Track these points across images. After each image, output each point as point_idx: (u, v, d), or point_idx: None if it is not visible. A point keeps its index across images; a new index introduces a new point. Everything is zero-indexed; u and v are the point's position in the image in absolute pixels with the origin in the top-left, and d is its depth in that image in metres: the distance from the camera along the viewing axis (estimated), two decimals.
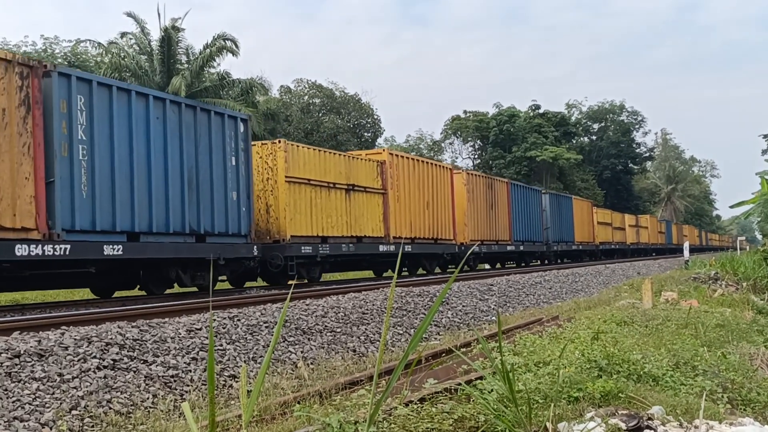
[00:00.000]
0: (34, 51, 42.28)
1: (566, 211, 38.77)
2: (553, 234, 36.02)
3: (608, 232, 48.47)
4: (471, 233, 26.52)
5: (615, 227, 50.56)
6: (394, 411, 5.16)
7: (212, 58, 37.87)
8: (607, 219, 48.82)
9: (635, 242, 56.68)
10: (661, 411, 5.46)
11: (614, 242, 50.00)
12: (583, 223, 42.20)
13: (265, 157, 17.24)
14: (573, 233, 39.57)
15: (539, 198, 35.33)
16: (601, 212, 48.24)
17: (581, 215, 41.71)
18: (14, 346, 7.31)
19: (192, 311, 10.86)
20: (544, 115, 73.41)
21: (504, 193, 30.67)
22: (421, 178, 23.32)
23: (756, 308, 14.54)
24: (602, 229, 46.67)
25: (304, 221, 17.61)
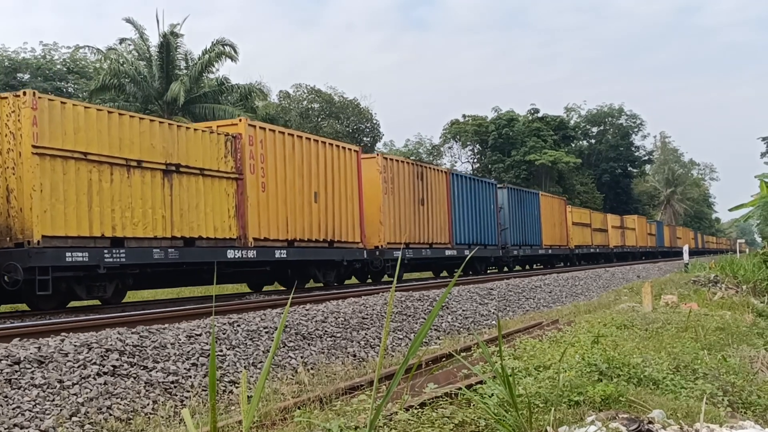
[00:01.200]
0: (33, 58, 42.32)
1: (531, 210, 33.79)
2: (512, 236, 30.88)
3: (586, 234, 43.46)
4: (389, 234, 20.82)
5: (595, 229, 45.74)
6: (394, 416, 5.16)
7: (211, 63, 37.93)
8: (584, 219, 43.69)
9: (620, 245, 51.99)
10: (661, 415, 5.46)
11: (594, 245, 45.07)
12: (554, 224, 37.27)
13: (6, 118, 11.72)
14: (540, 235, 34.63)
15: (493, 192, 29.36)
16: (578, 212, 43.29)
17: (551, 215, 36.86)
18: (14, 352, 7.31)
19: (192, 317, 10.85)
20: (543, 118, 73.45)
21: (441, 185, 24.92)
22: (307, 162, 17.65)
23: (756, 311, 14.53)
24: (579, 231, 41.72)
25: (75, 215, 12.12)
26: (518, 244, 31.57)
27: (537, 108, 74.61)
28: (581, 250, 42.14)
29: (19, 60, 41.30)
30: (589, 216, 44.98)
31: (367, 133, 56.40)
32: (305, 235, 17.48)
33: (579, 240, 41.58)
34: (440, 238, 24.24)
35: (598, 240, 46.24)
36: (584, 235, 42.95)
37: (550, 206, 36.89)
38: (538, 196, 35.37)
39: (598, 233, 46.12)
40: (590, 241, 44.08)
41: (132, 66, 37.48)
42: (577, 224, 41.49)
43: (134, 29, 38.49)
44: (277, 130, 17.22)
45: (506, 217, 30.38)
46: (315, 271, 18.69)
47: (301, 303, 12.94)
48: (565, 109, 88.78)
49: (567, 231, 39.49)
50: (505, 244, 30.07)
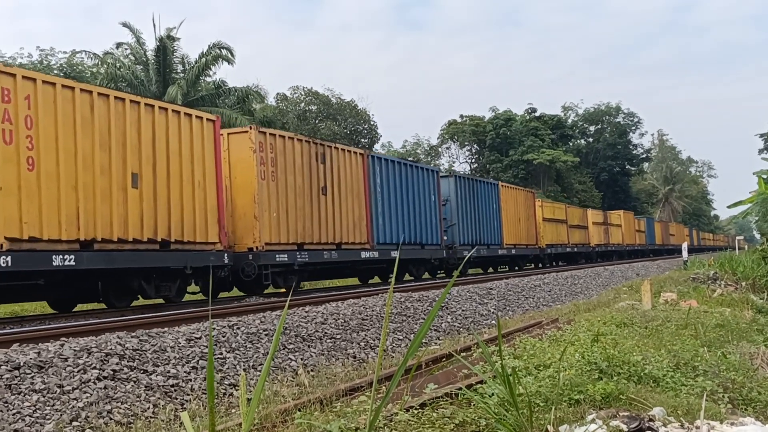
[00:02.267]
0: (30, 63, 42.30)
1: (487, 203, 28.91)
2: (463, 234, 26.12)
3: (561, 232, 38.54)
4: (272, 232, 16.39)
5: (573, 225, 40.82)
6: (394, 417, 5.16)
7: (208, 66, 37.98)
8: (558, 215, 38.77)
9: (603, 243, 46.87)
10: (662, 412, 5.46)
11: (572, 244, 40.15)
12: (519, 220, 32.53)
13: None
14: (500, 233, 29.83)
15: (433, 182, 24.05)
16: (550, 206, 38.24)
17: (515, 209, 32.17)
18: (14, 358, 7.30)
19: (191, 320, 10.84)
20: (541, 118, 73.57)
21: (356, 170, 19.84)
22: (115, 129, 12.73)
23: (755, 307, 14.55)
24: (551, 228, 36.96)
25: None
26: (470, 244, 26.45)
27: (534, 107, 74.85)
28: (554, 250, 37.20)
29: (16, 65, 41.27)
30: (564, 211, 40.10)
31: (364, 134, 56.42)
32: (116, 234, 12.59)
33: (552, 238, 36.77)
34: (353, 237, 19.32)
35: (576, 238, 41.36)
36: (558, 233, 38.09)
37: (513, 199, 32.08)
38: (497, 187, 30.44)
39: (576, 230, 41.39)
40: (566, 239, 39.24)
41: (129, 70, 37.52)
42: (550, 220, 36.88)
43: (131, 33, 38.56)
44: (51, 82, 11.86)
45: (453, 211, 25.67)
46: (134, 281, 13.68)
47: (301, 305, 12.94)
48: (563, 108, 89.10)
49: (536, 228, 34.79)
50: (452, 243, 25.30)
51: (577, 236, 41.56)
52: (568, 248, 39.77)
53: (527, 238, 33.55)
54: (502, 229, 30.18)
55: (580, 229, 42.61)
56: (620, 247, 51.74)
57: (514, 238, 31.60)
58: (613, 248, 49.38)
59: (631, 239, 55.55)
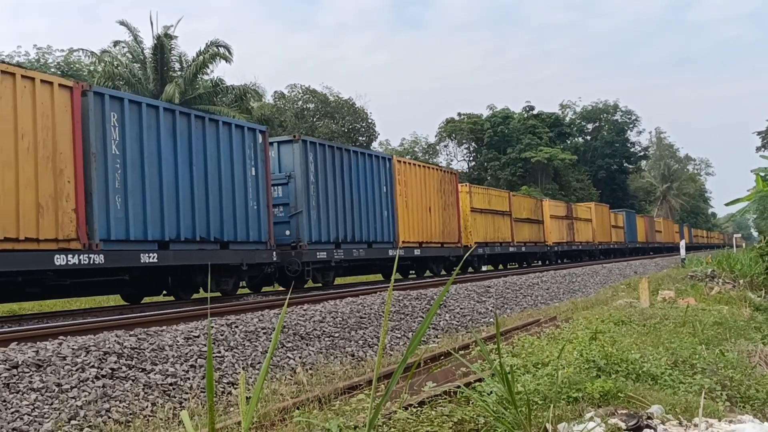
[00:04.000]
0: (27, 61, 42.24)
1: (370, 185, 20.62)
2: (317, 227, 18.19)
3: (501, 227, 30.88)
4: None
5: (520, 219, 33.17)
6: (393, 415, 5.16)
7: (205, 65, 37.92)
8: (497, 205, 30.60)
9: (565, 241, 39.26)
10: (660, 410, 5.47)
11: (517, 242, 32.40)
12: (429, 210, 24.01)
13: None
14: (392, 227, 21.52)
15: (252, 146, 16.30)
16: (483, 194, 30.02)
17: (422, 195, 23.54)
18: (12, 356, 7.30)
19: (189, 319, 10.84)
20: (538, 116, 73.59)
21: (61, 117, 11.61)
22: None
23: (753, 305, 14.59)
24: (485, 222, 29.16)
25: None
26: (333, 241, 18.72)
27: (532, 105, 74.87)
28: (489, 249, 29.23)
29: (13, 64, 41.18)
30: (505, 200, 32.05)
31: (362, 132, 56.39)
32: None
33: (484, 234, 28.94)
34: (37, 230, 11.16)
35: (526, 234, 33.96)
36: (497, 228, 30.36)
37: (419, 181, 23.45)
38: (389, 162, 21.83)
39: (525, 225, 33.86)
40: (509, 236, 31.63)
41: (126, 68, 37.46)
42: (482, 212, 29.01)
43: (128, 31, 38.49)
44: None
45: (300, 193, 17.68)
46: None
47: (299, 303, 12.93)
48: (560, 106, 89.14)
49: (460, 221, 26.60)
50: (297, 240, 17.50)
51: (526, 233, 34.00)
52: (512, 247, 31.66)
53: (444, 235, 24.86)
54: (396, 222, 21.59)
55: (532, 224, 34.97)
56: (590, 246, 44.37)
57: (418, 234, 23.03)
58: (579, 247, 41.80)
59: (605, 236, 48.02)
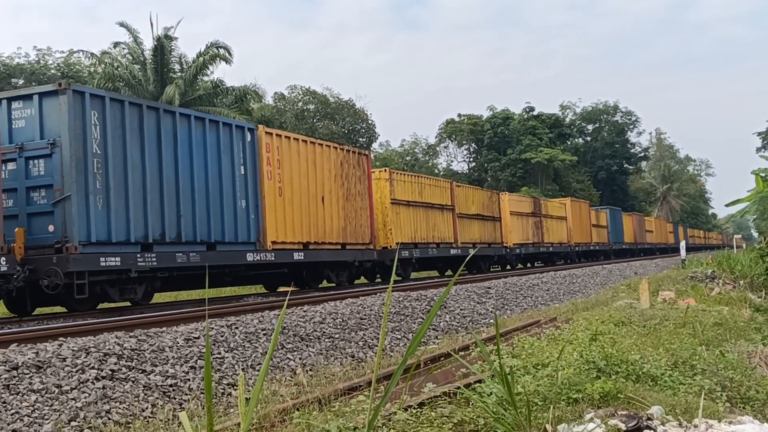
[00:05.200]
0: (27, 63, 42.24)
1: (209, 162, 14.90)
2: (97, 222, 12.32)
3: (440, 224, 25.20)
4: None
5: (468, 215, 27.79)
6: (393, 416, 5.16)
7: (205, 66, 37.95)
8: (432, 197, 24.78)
9: (531, 242, 33.93)
10: (660, 411, 5.46)
11: (463, 243, 26.57)
12: (322, 200, 18.49)
13: None
14: (256, 221, 16.05)
15: None
16: (413, 182, 24.09)
17: (308, 182, 18.02)
18: (12, 358, 7.29)
19: (189, 320, 10.84)
20: (539, 116, 73.57)
21: None
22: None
23: (753, 306, 14.58)
24: (415, 217, 23.51)
25: None
26: (138, 241, 13.02)
27: (532, 106, 74.86)
28: (418, 252, 23.21)
29: (13, 65, 41.23)
30: (447, 192, 26.22)
31: (362, 133, 56.39)
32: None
33: (413, 233, 23.21)
34: None
35: (476, 234, 28.24)
36: (433, 226, 24.70)
37: (306, 162, 17.92)
38: (249, 134, 16.09)
39: (475, 223, 28.33)
40: (450, 235, 25.94)
41: (126, 69, 37.47)
42: (410, 205, 23.22)
43: (128, 33, 38.50)
44: None
45: (69, 169, 11.98)
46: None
47: (299, 304, 12.93)
48: (561, 107, 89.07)
49: (373, 217, 20.90)
50: (63, 240, 11.89)
51: (476, 232, 28.32)
52: (456, 249, 25.97)
53: (346, 234, 19.36)
54: (261, 215, 16.08)
55: (485, 222, 29.39)
56: (564, 248, 38.77)
57: (302, 233, 17.44)
58: (550, 249, 36.50)
59: (584, 237, 42.35)
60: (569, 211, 40.11)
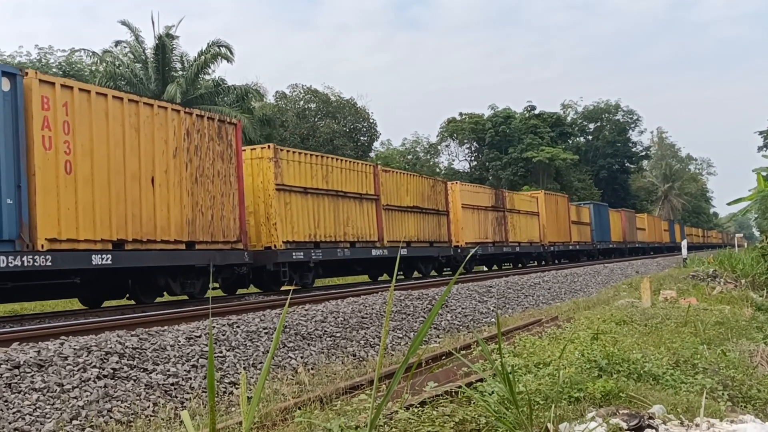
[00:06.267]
0: (29, 61, 42.24)
1: None
2: None
3: (357, 218, 20.51)
4: None
5: (402, 208, 23.00)
6: (395, 415, 5.16)
7: (207, 65, 37.92)
8: (347, 184, 20.26)
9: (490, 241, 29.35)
10: (662, 410, 5.46)
11: (392, 243, 21.75)
12: (162, 186, 13.86)
13: None
14: (17, 213, 11.07)
15: None
16: (314, 164, 19.05)
17: (122, 156, 13.04)
18: (14, 357, 7.30)
19: (191, 319, 10.85)
20: (540, 115, 73.49)
21: None
22: None
23: (755, 305, 14.57)
24: (316, 209, 18.81)
25: None
26: None
27: (533, 105, 74.76)
28: (320, 254, 18.48)
29: (15, 64, 41.25)
30: (370, 179, 21.45)
31: (364, 132, 56.34)
32: None
33: (313, 229, 18.53)
34: None
35: (412, 230, 23.39)
36: (345, 221, 19.90)
37: (120, 126, 13.07)
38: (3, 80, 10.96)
39: (410, 217, 23.44)
40: (372, 232, 21.16)
41: (128, 68, 37.46)
42: (307, 193, 18.47)
43: (129, 31, 38.48)
44: None
45: None
46: None
47: (300, 303, 12.94)
48: (562, 106, 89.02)
49: (242, 208, 16.15)
50: None
51: (412, 228, 23.41)
52: (379, 249, 21.14)
53: (196, 230, 14.61)
54: (29, 200, 11.41)
55: (426, 216, 24.60)
56: (534, 248, 34.17)
57: (109, 227, 12.70)
58: (517, 249, 31.77)
59: (562, 235, 37.64)
60: (542, 206, 35.32)
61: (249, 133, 34.97)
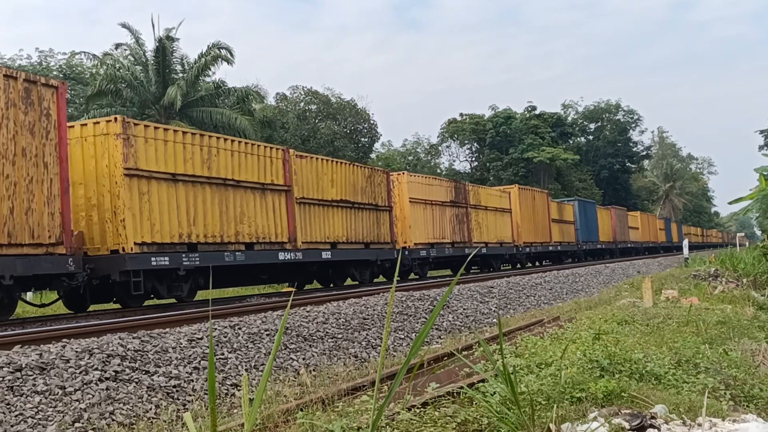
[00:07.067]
0: (29, 64, 42.31)
1: None
2: None
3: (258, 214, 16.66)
4: None
5: (325, 202, 19.19)
6: (397, 416, 5.16)
7: (207, 67, 37.95)
8: (243, 172, 16.36)
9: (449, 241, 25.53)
10: (664, 409, 5.46)
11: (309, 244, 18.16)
12: None
13: None
14: None
15: None
16: (191, 145, 15.00)
17: None
18: (16, 359, 7.30)
19: (193, 321, 10.85)
20: (541, 116, 73.50)
21: None
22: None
23: (757, 304, 14.54)
24: (195, 201, 14.95)
25: None
26: None
27: (534, 105, 74.77)
28: (199, 260, 14.64)
29: (15, 67, 41.29)
30: (279, 166, 17.61)
31: (364, 133, 56.36)
32: None
33: (185, 228, 14.60)
34: None
35: (340, 229, 19.68)
36: (245, 216, 16.28)
37: None
38: None
39: (339, 213, 19.74)
40: (282, 231, 17.34)
41: (128, 71, 37.48)
42: (176, 180, 14.58)
43: (130, 34, 38.51)
44: None
45: None
46: None
47: (302, 305, 12.94)
48: (562, 106, 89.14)
49: (65, 199, 12.46)
50: None
51: (339, 226, 19.66)
52: (289, 253, 17.29)
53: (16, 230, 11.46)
54: None
55: (363, 212, 20.92)
56: (507, 249, 30.41)
57: None
58: (483, 250, 27.83)
59: (540, 235, 34.10)
60: (516, 202, 31.63)
61: (249, 135, 34.98)
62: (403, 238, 23.26)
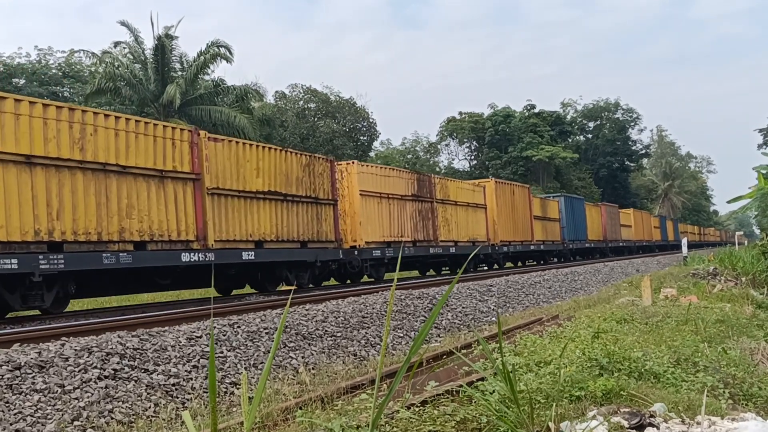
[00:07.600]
0: (28, 62, 42.24)
1: None
2: None
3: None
4: None
5: (248, 194, 16.11)
6: (396, 414, 5.16)
7: (206, 65, 37.92)
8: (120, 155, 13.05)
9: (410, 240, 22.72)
10: (663, 408, 5.46)
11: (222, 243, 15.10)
12: None
13: None
14: None
15: None
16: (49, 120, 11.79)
17: None
18: (15, 358, 7.30)
19: (192, 319, 10.85)
20: (540, 114, 73.53)
21: None
22: None
23: (755, 303, 14.55)
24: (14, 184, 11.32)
25: None
26: None
27: (533, 104, 74.83)
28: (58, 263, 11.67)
29: (14, 65, 41.23)
30: (185, 150, 14.64)
31: (363, 132, 56.36)
32: None
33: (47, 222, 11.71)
34: None
35: (267, 225, 16.69)
36: (137, 209, 13.40)
37: None
38: None
39: (267, 207, 16.84)
40: (187, 227, 14.49)
41: (127, 69, 37.45)
42: (29, 164, 11.52)
43: (129, 32, 38.48)
44: None
45: None
46: None
47: (301, 303, 12.94)
48: (561, 105, 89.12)
49: None
50: None
51: (266, 222, 16.72)
52: (197, 254, 14.41)
53: None
54: None
55: (300, 206, 17.96)
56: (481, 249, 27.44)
57: None
58: (451, 250, 25.34)
59: (521, 233, 31.51)
60: (492, 198, 28.98)
61: (249, 134, 34.98)
62: (352, 236, 20.34)
